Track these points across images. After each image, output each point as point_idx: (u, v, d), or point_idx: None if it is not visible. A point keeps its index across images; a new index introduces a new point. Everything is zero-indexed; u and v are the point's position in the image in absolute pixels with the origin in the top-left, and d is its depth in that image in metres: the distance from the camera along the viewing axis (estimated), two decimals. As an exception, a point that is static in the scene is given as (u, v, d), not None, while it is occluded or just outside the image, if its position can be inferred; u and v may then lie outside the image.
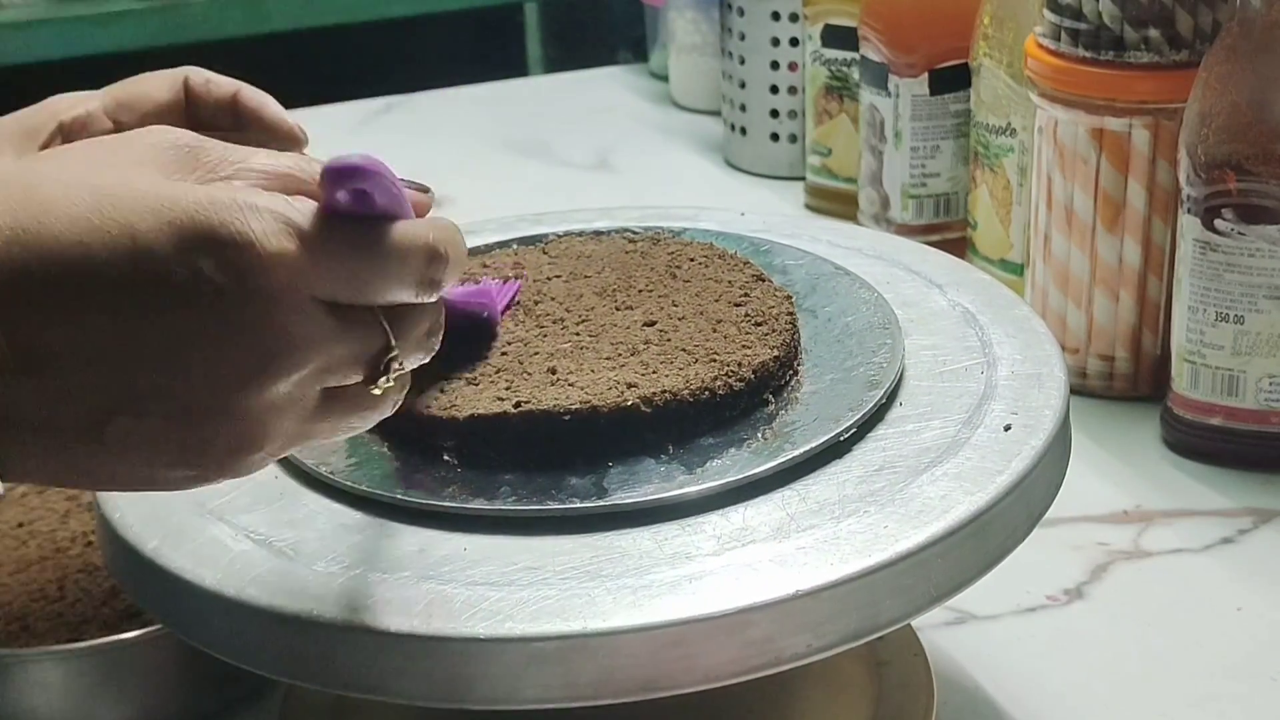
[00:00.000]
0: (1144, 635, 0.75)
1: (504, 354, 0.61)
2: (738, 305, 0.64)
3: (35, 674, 0.65)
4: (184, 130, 0.48)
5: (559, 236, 0.73)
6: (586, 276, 0.67)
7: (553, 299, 0.65)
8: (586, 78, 1.59)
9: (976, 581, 0.55)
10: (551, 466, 0.57)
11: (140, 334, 0.44)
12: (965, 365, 0.64)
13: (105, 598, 0.69)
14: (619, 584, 0.52)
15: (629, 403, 0.57)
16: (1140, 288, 0.91)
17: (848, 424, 0.58)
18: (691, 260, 0.68)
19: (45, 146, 0.62)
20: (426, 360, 0.51)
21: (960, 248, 1.03)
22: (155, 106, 0.66)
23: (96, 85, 0.66)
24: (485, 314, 0.63)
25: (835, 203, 1.19)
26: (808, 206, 1.23)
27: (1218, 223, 0.83)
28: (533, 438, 0.57)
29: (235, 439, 0.46)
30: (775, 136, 1.28)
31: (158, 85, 0.67)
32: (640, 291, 0.65)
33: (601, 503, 0.55)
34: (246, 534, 0.56)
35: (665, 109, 1.47)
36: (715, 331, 0.62)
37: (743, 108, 1.29)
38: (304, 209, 0.46)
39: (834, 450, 0.58)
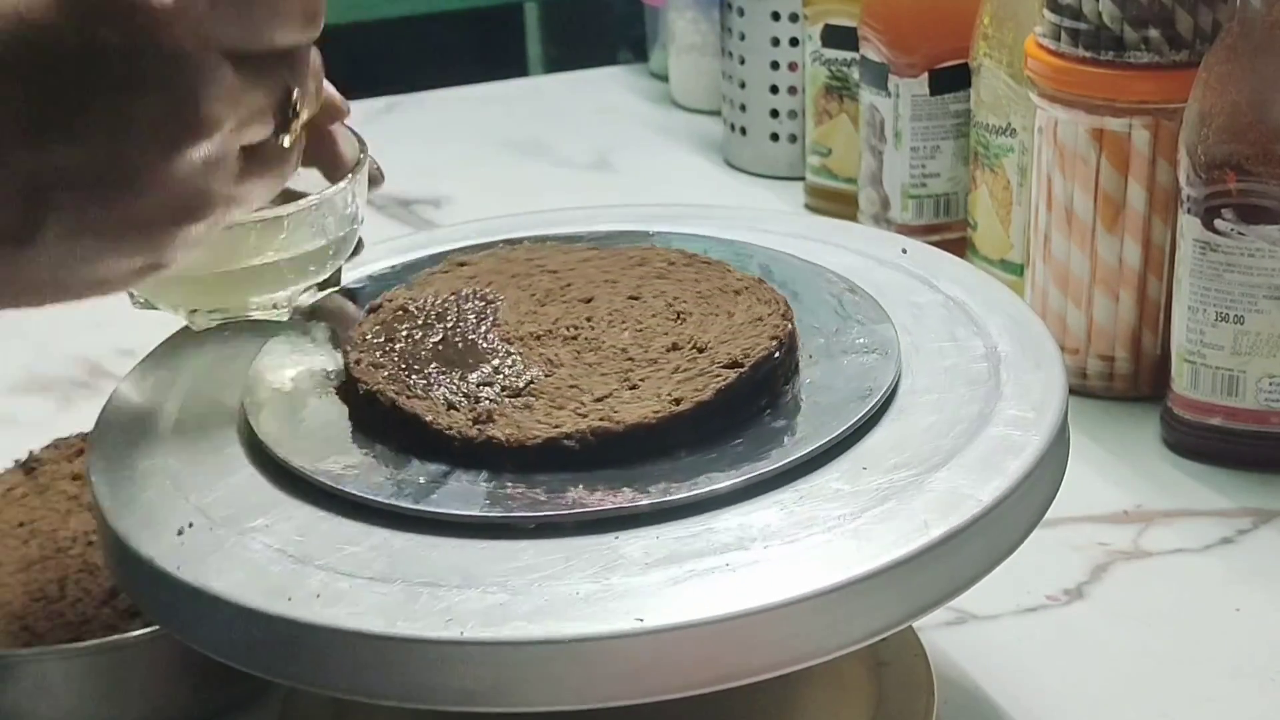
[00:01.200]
0: (1144, 635, 0.75)
1: (506, 369, 0.61)
2: (734, 309, 0.64)
3: (35, 674, 0.65)
4: None
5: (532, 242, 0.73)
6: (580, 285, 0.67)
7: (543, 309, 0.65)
8: (586, 78, 1.59)
9: (978, 582, 0.55)
10: (555, 472, 0.57)
11: (51, 109, 0.44)
12: (964, 366, 0.64)
13: (106, 598, 0.69)
14: (621, 587, 0.52)
15: (651, 417, 0.57)
16: (1140, 288, 0.91)
17: (844, 428, 0.58)
18: (672, 264, 0.68)
19: None
20: (318, 108, 0.52)
21: (960, 248, 1.03)
22: None
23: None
24: None
25: (835, 203, 1.19)
26: (808, 206, 1.23)
27: (1218, 223, 0.83)
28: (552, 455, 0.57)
29: (174, 207, 0.46)
30: (775, 136, 1.28)
31: None
32: (633, 299, 0.65)
33: (605, 506, 0.55)
34: (246, 536, 0.56)
35: (665, 109, 1.47)
36: (717, 335, 0.62)
37: (743, 108, 1.29)
38: None
39: (832, 454, 0.58)
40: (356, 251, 0.67)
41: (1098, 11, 0.87)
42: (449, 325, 0.64)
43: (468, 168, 1.34)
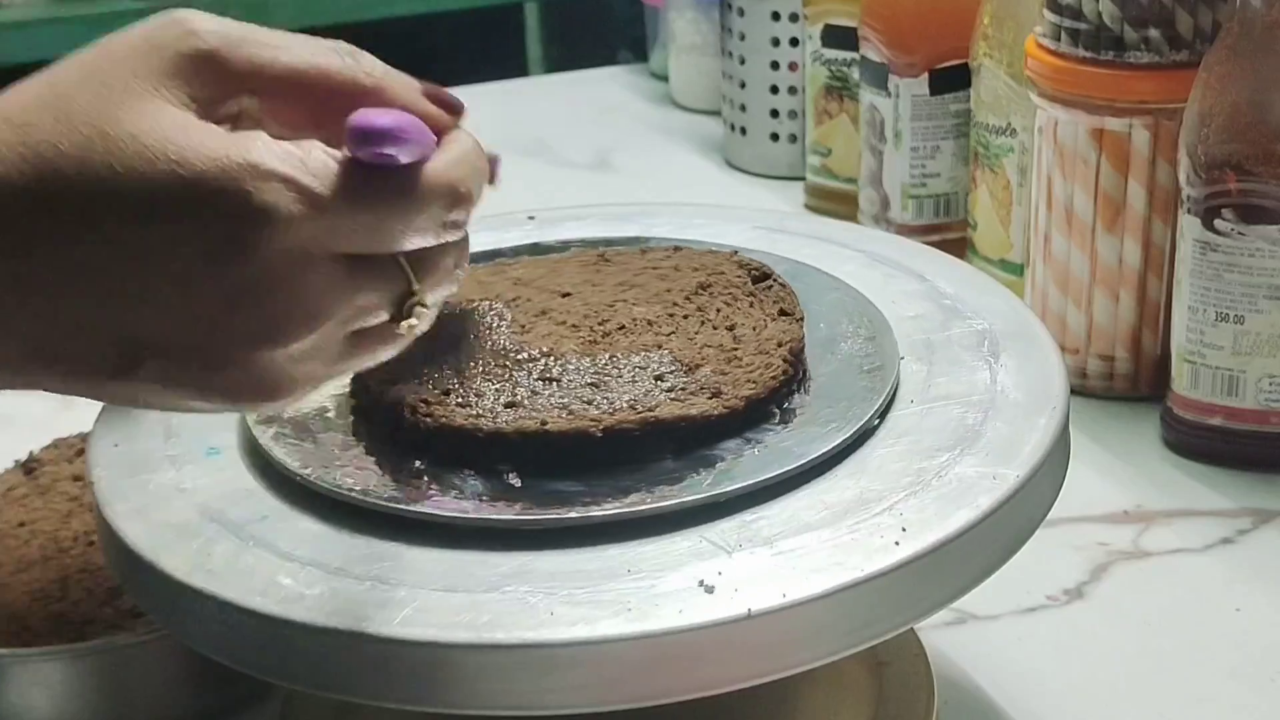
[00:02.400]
0: (1144, 635, 0.75)
1: (513, 367, 0.61)
2: (745, 340, 0.64)
3: (36, 674, 0.65)
4: (208, 24, 0.47)
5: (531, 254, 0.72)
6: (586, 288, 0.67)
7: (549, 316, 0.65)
8: (586, 78, 1.59)
9: (980, 584, 0.55)
10: (558, 477, 0.57)
11: (153, 285, 0.44)
12: (964, 367, 0.64)
13: (107, 598, 0.69)
14: (622, 589, 0.52)
15: (659, 418, 0.57)
16: (1140, 288, 0.91)
17: (847, 433, 0.58)
18: (678, 270, 0.68)
19: None
20: (451, 292, 0.50)
21: (960, 248, 1.03)
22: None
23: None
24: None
25: (835, 203, 1.19)
26: (807, 206, 1.23)
27: (1218, 223, 0.83)
28: (564, 453, 0.57)
29: (256, 388, 0.46)
30: (775, 136, 1.28)
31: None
32: (640, 301, 0.65)
33: (609, 511, 0.55)
34: (246, 538, 0.56)
35: (665, 109, 1.47)
36: (723, 342, 0.62)
37: (743, 108, 1.29)
38: (319, 168, 0.45)
39: (834, 457, 0.58)
40: None
41: (1098, 11, 0.87)
42: (462, 331, 0.63)
43: (468, 168, 1.34)
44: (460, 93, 0.55)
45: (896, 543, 0.53)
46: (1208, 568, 0.79)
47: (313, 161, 0.45)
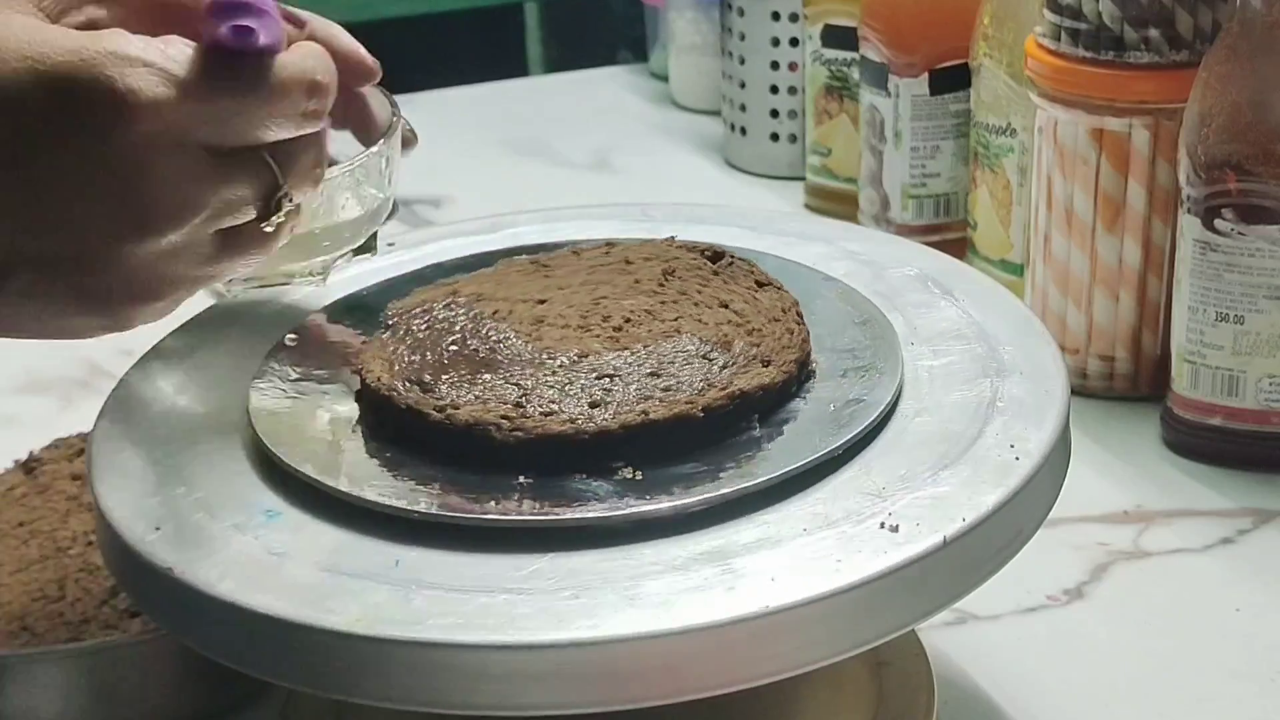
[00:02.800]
0: (1144, 635, 0.75)
1: (518, 366, 0.61)
2: (747, 313, 0.64)
3: (35, 674, 0.65)
4: None
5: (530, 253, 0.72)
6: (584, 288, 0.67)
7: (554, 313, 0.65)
8: (586, 78, 1.59)
9: (981, 585, 0.55)
10: (561, 476, 0.57)
11: (18, 187, 0.43)
12: (965, 367, 0.64)
13: (106, 597, 0.69)
14: (623, 590, 0.52)
15: (672, 414, 0.57)
16: (1140, 288, 0.91)
17: (851, 434, 0.58)
18: (630, 263, 0.68)
19: None
20: (315, 189, 0.50)
21: (960, 248, 1.03)
22: None
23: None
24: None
25: (835, 203, 1.19)
26: (807, 206, 1.23)
27: (1218, 223, 0.83)
28: (571, 452, 0.57)
29: (132, 288, 0.46)
30: (775, 136, 1.28)
31: None
32: (647, 298, 0.65)
33: (613, 512, 0.55)
34: (247, 537, 0.56)
35: (665, 109, 1.47)
36: (730, 318, 0.62)
37: (743, 108, 1.29)
38: (179, 55, 0.45)
39: (835, 459, 0.58)
40: (391, 215, 0.66)
41: (1098, 11, 0.87)
42: (464, 329, 0.63)
43: (468, 168, 1.34)
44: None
45: (897, 544, 0.53)
46: (1208, 568, 0.79)
47: (173, 49, 0.45)
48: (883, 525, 0.54)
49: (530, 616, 0.51)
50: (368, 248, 0.65)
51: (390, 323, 0.64)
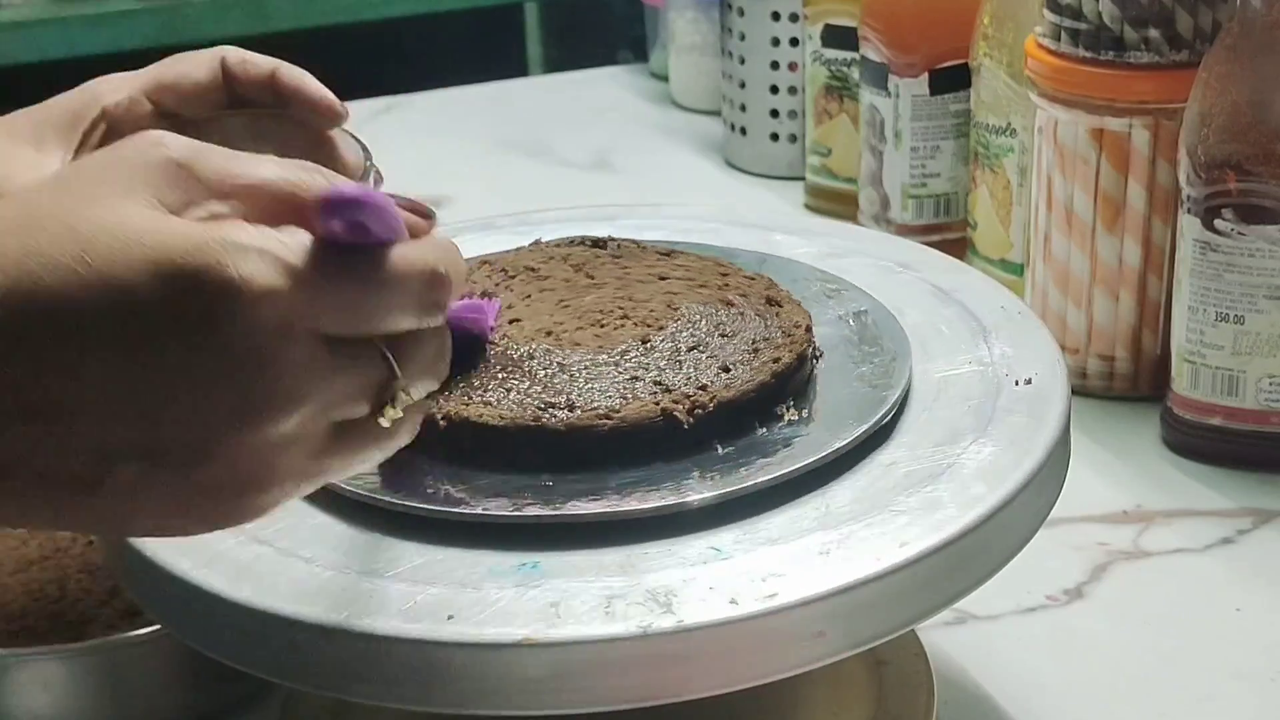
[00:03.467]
0: (1144, 635, 0.75)
1: (522, 365, 0.61)
2: (758, 310, 0.64)
3: (35, 674, 0.65)
4: (178, 140, 0.46)
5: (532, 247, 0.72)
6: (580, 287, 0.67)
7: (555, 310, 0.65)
8: (586, 78, 1.59)
9: (982, 585, 0.55)
10: (563, 474, 0.57)
11: (132, 381, 0.43)
12: (966, 367, 0.64)
13: (106, 597, 0.69)
14: (623, 590, 0.52)
15: (667, 413, 0.57)
16: (1140, 288, 0.91)
17: (856, 434, 0.58)
18: (689, 270, 0.68)
19: (90, 131, 0.62)
20: (436, 386, 0.49)
21: (960, 248, 1.03)
22: (195, 87, 0.66)
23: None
24: (478, 330, 0.61)
25: (835, 203, 1.19)
26: (807, 206, 1.23)
27: (1218, 223, 0.83)
28: (570, 448, 0.57)
29: (240, 482, 0.45)
30: (775, 136, 1.28)
31: (196, 65, 0.67)
32: (648, 299, 0.65)
33: (614, 510, 0.55)
34: (247, 536, 0.55)
35: (665, 109, 1.47)
36: (734, 337, 0.62)
37: (743, 108, 1.29)
38: (295, 243, 0.44)
39: (837, 459, 0.58)
40: None
41: (1098, 11, 0.87)
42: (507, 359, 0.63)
43: (468, 168, 1.34)
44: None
45: (898, 544, 0.53)
46: (1208, 568, 0.79)
47: (290, 238, 0.44)
48: (884, 525, 0.54)
49: (529, 615, 0.51)
50: None
51: None
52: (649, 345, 0.61)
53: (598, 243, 0.70)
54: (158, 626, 0.65)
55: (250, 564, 0.54)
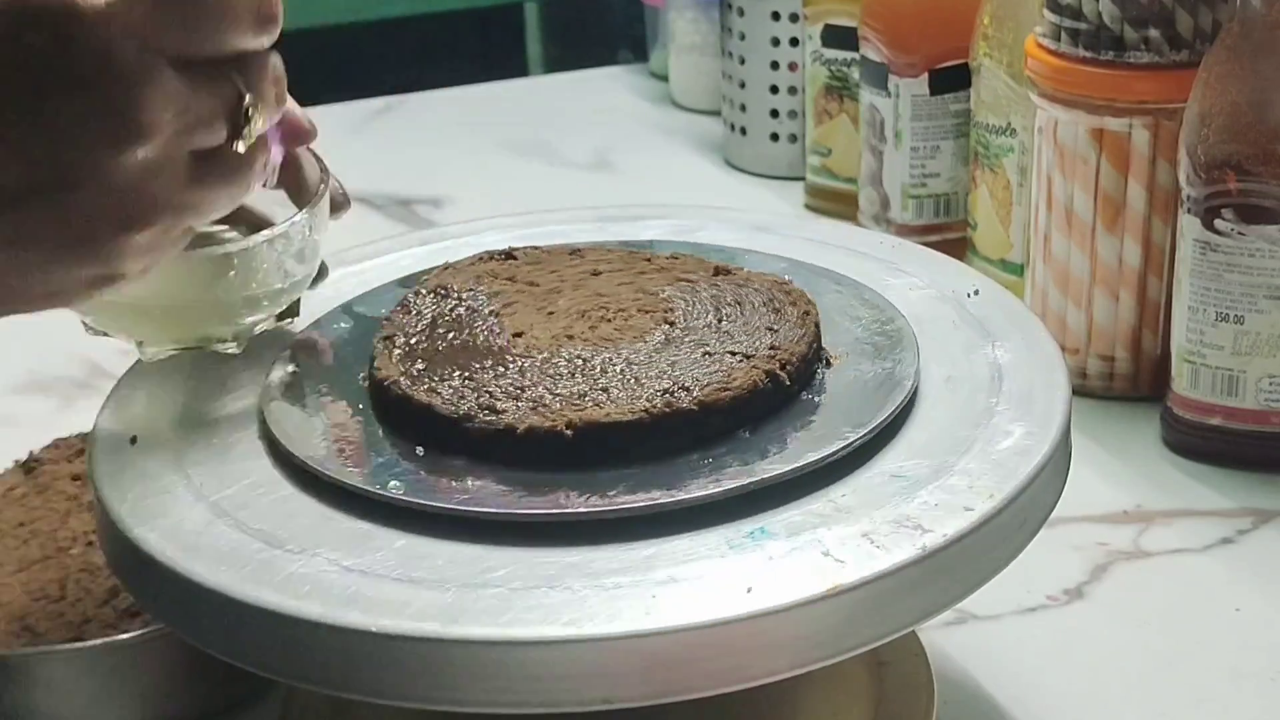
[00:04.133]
0: (1144, 635, 0.75)
1: (523, 360, 0.61)
2: (759, 307, 0.64)
3: (36, 674, 0.65)
4: None
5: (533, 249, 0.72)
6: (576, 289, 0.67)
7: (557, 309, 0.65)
8: (586, 78, 1.59)
9: (982, 585, 0.55)
10: (564, 471, 0.57)
11: None
12: (965, 368, 0.64)
13: (106, 597, 0.69)
14: (624, 586, 0.52)
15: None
16: (1140, 288, 0.91)
17: (861, 434, 0.58)
18: (612, 263, 0.68)
19: None
20: (279, 114, 0.51)
21: (960, 248, 1.03)
22: None
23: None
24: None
25: (835, 203, 1.19)
26: (807, 206, 1.23)
27: (1218, 223, 0.83)
28: (571, 447, 0.57)
29: (113, 210, 0.46)
30: (775, 136, 1.28)
31: None
32: (651, 297, 0.65)
33: (615, 506, 0.55)
34: (248, 533, 0.56)
35: (665, 109, 1.47)
36: (735, 334, 0.62)
37: (743, 108, 1.29)
38: None
39: (837, 459, 0.58)
40: (320, 278, 0.66)
41: (1098, 11, 0.87)
42: (474, 324, 0.64)
43: (468, 168, 1.34)
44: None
45: (898, 544, 0.53)
46: (1208, 568, 0.79)
47: None
48: (884, 525, 0.54)
49: (527, 614, 0.51)
50: (290, 313, 0.65)
51: (396, 315, 0.65)
52: (679, 326, 0.62)
53: (508, 255, 0.70)
54: (158, 626, 0.65)
55: (252, 561, 0.54)
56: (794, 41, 1.24)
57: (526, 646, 0.50)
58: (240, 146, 0.49)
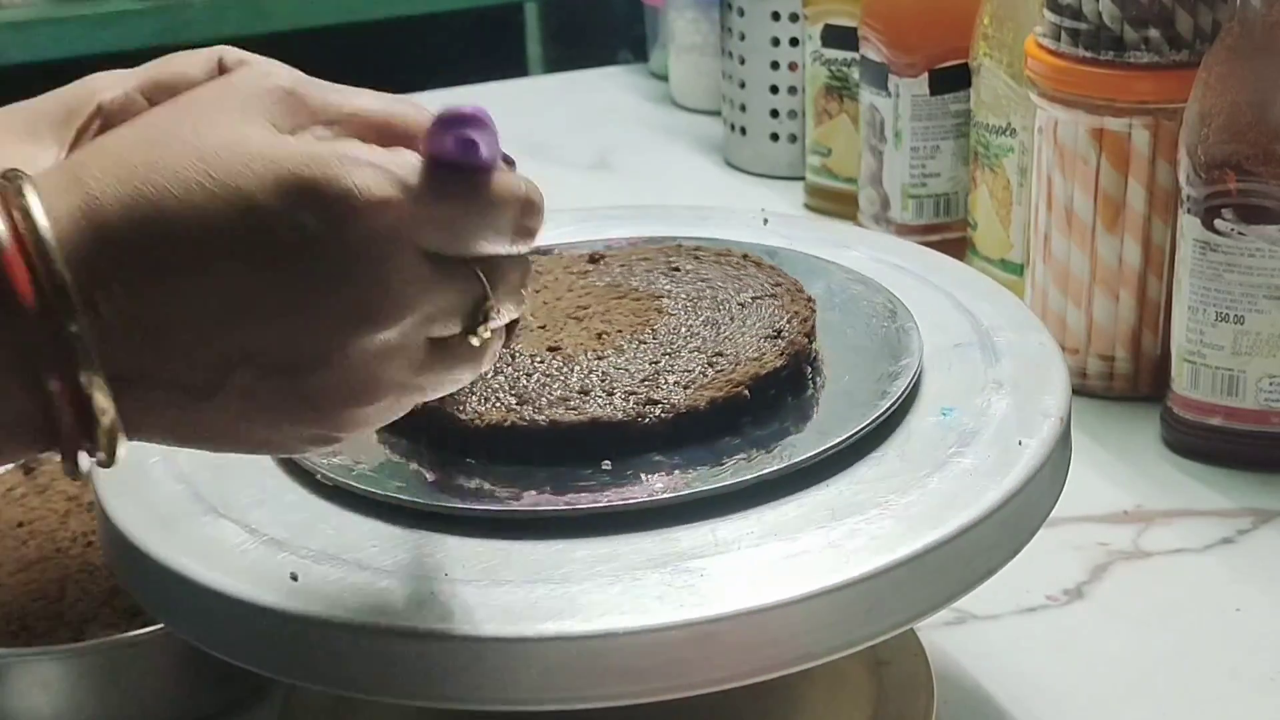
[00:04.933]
0: (1144, 635, 0.75)
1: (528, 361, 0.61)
2: (757, 303, 0.64)
3: (35, 674, 0.65)
4: (281, 69, 0.50)
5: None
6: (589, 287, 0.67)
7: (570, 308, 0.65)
8: (586, 78, 1.59)
9: (982, 584, 0.55)
10: (563, 468, 0.57)
11: (252, 289, 0.45)
12: (965, 368, 0.64)
13: (105, 598, 0.69)
14: (624, 585, 0.52)
15: (672, 409, 0.58)
16: (1140, 288, 0.91)
17: (858, 428, 0.58)
18: (699, 261, 0.68)
19: (84, 128, 0.63)
20: (519, 312, 0.52)
21: (960, 248, 1.03)
22: (191, 86, 0.67)
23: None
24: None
25: (835, 203, 1.19)
26: (807, 206, 1.23)
27: (1218, 223, 0.83)
28: (570, 445, 0.57)
29: (347, 388, 0.47)
30: (775, 136, 1.28)
31: (192, 64, 0.67)
32: (657, 294, 0.66)
33: (614, 503, 0.55)
34: (248, 532, 0.56)
35: (665, 109, 1.47)
36: (737, 331, 0.62)
37: (743, 108, 1.29)
38: (404, 160, 0.47)
39: (837, 457, 0.58)
40: None
41: (1098, 11, 0.87)
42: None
43: (468, 168, 1.34)
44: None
45: (897, 542, 0.53)
46: (1208, 568, 0.79)
47: (400, 156, 0.47)
48: (883, 524, 0.54)
49: (527, 612, 0.51)
50: None
51: None
52: (688, 319, 0.63)
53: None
54: (158, 626, 0.65)
55: (253, 560, 0.54)
56: (794, 41, 1.24)
57: (526, 643, 0.50)
58: (475, 341, 0.50)
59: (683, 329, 0.63)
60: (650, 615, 0.50)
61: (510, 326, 0.52)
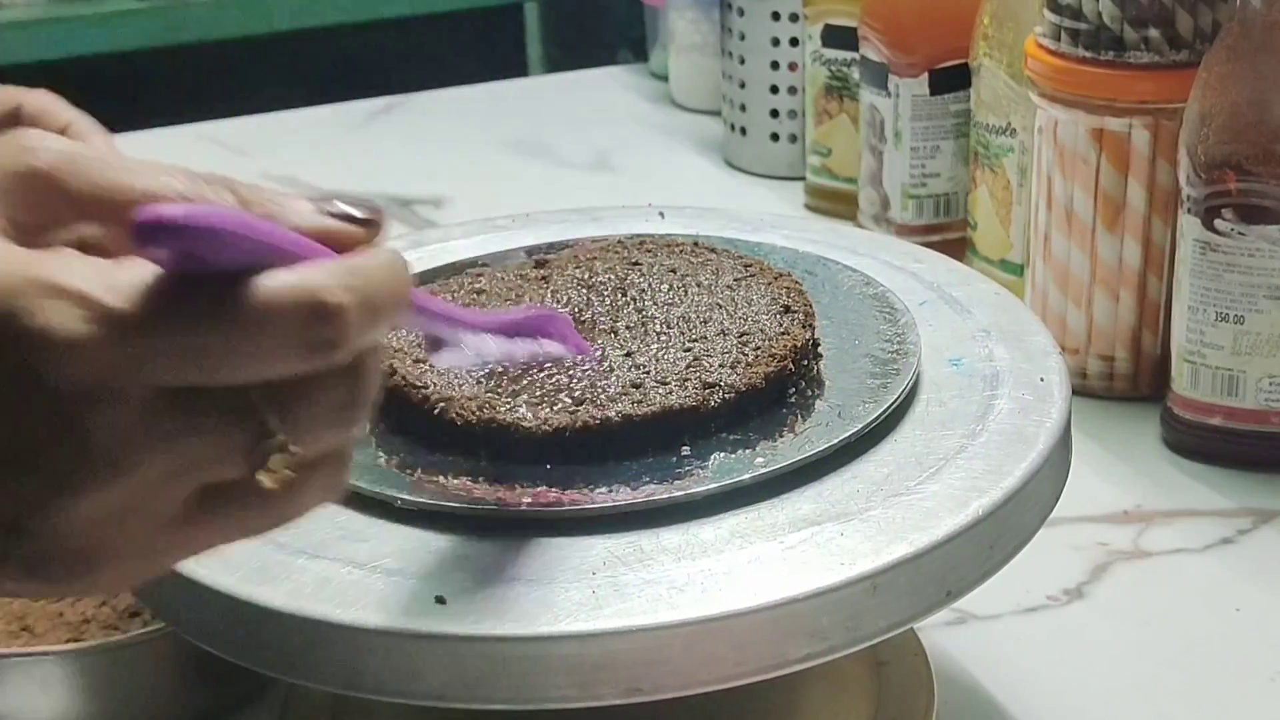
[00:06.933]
0: (1144, 635, 0.75)
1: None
2: (742, 283, 0.64)
3: (35, 674, 0.65)
4: (51, 146, 0.41)
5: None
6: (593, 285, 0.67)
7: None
8: (586, 78, 1.59)
9: (982, 584, 0.55)
10: (564, 467, 0.57)
11: None
12: (965, 368, 0.64)
13: (106, 597, 0.69)
14: (620, 585, 0.52)
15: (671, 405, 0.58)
16: (1140, 288, 0.91)
17: (855, 429, 0.58)
18: (651, 253, 0.68)
19: None
20: (346, 436, 0.41)
21: (960, 248, 1.03)
22: None
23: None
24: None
25: (835, 203, 1.19)
26: (807, 206, 1.23)
27: (1218, 223, 0.83)
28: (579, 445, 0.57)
29: (71, 558, 0.39)
30: (775, 136, 1.28)
31: None
32: (649, 293, 0.65)
33: (613, 502, 0.55)
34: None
35: (665, 109, 1.47)
36: (746, 310, 0.62)
37: (743, 108, 1.29)
38: (125, 283, 0.37)
39: (838, 455, 0.58)
40: None
41: (1098, 11, 0.87)
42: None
43: (468, 168, 1.34)
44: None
45: (897, 541, 0.53)
46: (1208, 568, 0.79)
47: (121, 276, 0.38)
48: (883, 523, 0.54)
49: (525, 611, 0.51)
50: None
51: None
52: (686, 307, 0.63)
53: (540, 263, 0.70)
54: (157, 626, 0.65)
55: (253, 559, 0.54)
56: (794, 41, 1.24)
57: (526, 642, 0.50)
58: (266, 481, 0.39)
59: (691, 315, 0.63)
60: (635, 616, 0.50)
61: (338, 455, 0.42)
